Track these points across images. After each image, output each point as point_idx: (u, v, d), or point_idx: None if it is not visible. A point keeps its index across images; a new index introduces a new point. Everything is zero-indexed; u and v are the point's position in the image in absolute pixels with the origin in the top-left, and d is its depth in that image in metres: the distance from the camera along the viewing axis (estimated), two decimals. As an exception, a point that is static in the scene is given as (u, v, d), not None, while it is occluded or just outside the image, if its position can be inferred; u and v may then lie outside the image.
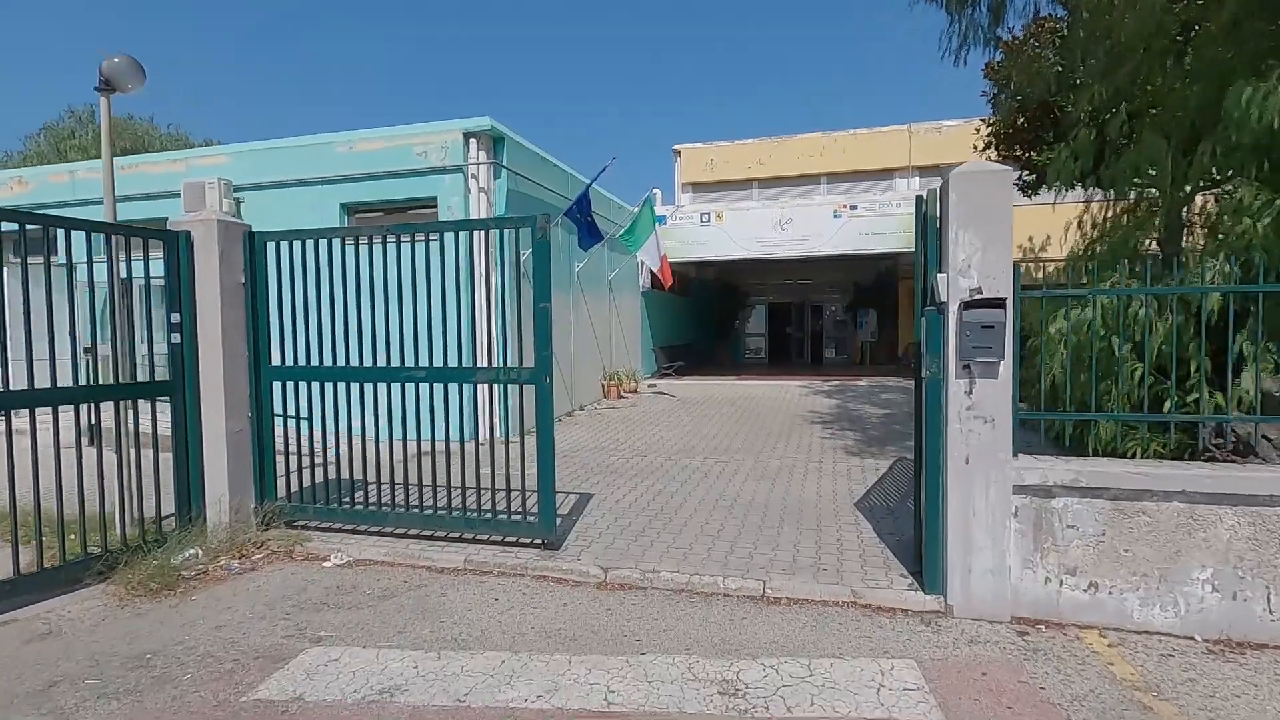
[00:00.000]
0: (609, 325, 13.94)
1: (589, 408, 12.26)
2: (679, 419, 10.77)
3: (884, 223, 14.52)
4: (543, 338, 4.58)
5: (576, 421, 10.73)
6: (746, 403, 12.62)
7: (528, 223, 4.59)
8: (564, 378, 11.33)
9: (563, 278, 11.32)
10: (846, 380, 15.98)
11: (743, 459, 7.63)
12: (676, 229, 15.58)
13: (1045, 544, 3.62)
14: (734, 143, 22.41)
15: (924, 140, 20.90)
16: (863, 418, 10.51)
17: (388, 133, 9.37)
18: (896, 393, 13.42)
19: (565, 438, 9.20)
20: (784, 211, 14.98)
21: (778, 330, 24.53)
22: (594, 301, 12.98)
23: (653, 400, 13.23)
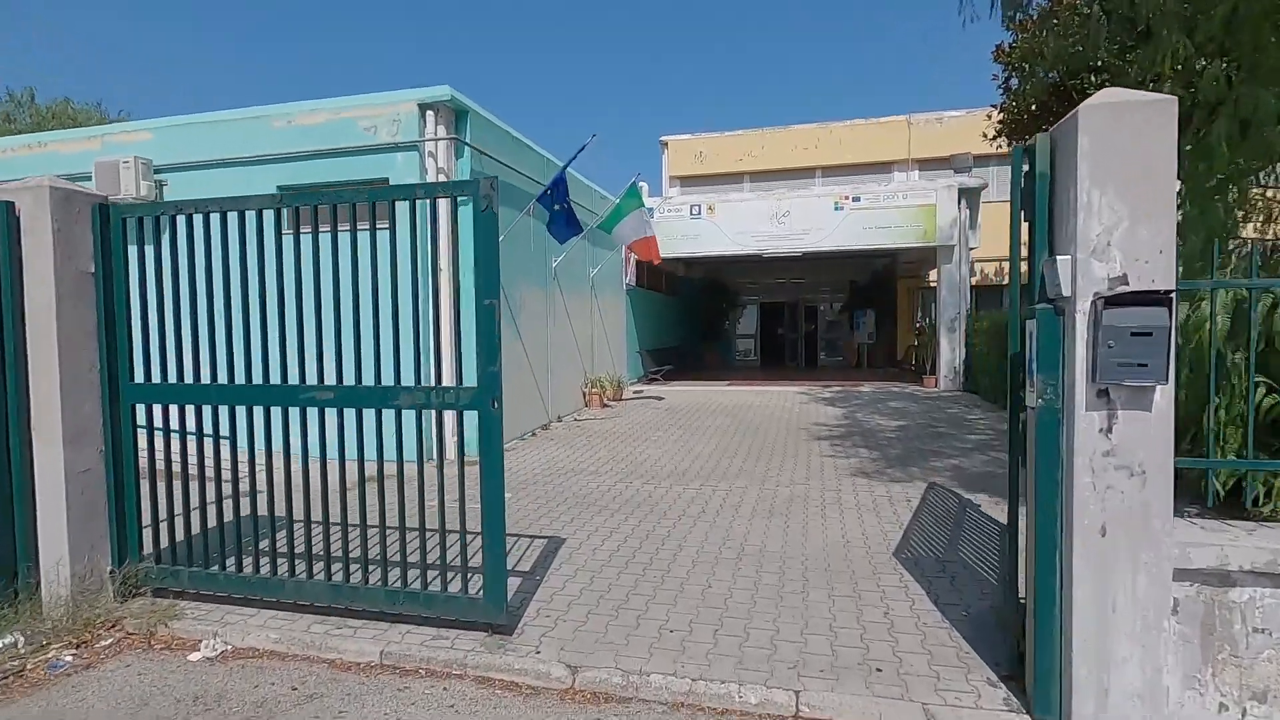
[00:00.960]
0: (591, 327, 12.72)
1: (568, 419, 11.03)
2: (668, 433, 9.58)
3: (889, 215, 13.43)
4: (488, 347, 3.35)
5: (553, 436, 9.50)
6: (742, 412, 11.45)
7: (467, 189, 3.35)
8: (539, 386, 10.10)
9: (537, 274, 10.09)
10: (848, 386, 14.87)
11: (745, 485, 6.45)
12: (665, 223, 14.40)
13: (1220, 655, 2.46)
14: (724, 134, 21.28)
15: (924, 132, 19.88)
16: (875, 431, 9.37)
17: (332, 104, 8.09)
18: (905, 400, 12.31)
19: (538, 457, 7.96)
20: (781, 203, 13.85)
21: (770, 331, 23.42)
22: (574, 301, 11.76)
23: (639, 409, 12.02)
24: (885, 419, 10.34)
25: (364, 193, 3.54)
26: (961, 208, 13.22)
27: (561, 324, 11.16)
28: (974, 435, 8.85)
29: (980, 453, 7.76)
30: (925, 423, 9.93)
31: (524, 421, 9.47)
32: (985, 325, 11.86)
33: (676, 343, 20.01)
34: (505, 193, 8.97)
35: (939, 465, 7.18)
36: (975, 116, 19.76)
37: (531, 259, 9.84)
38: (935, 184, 13.25)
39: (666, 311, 19.54)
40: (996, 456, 7.50)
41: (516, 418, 9.21)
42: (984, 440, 8.49)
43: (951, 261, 13.43)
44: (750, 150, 20.81)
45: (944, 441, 8.47)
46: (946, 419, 10.22)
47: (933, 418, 10.38)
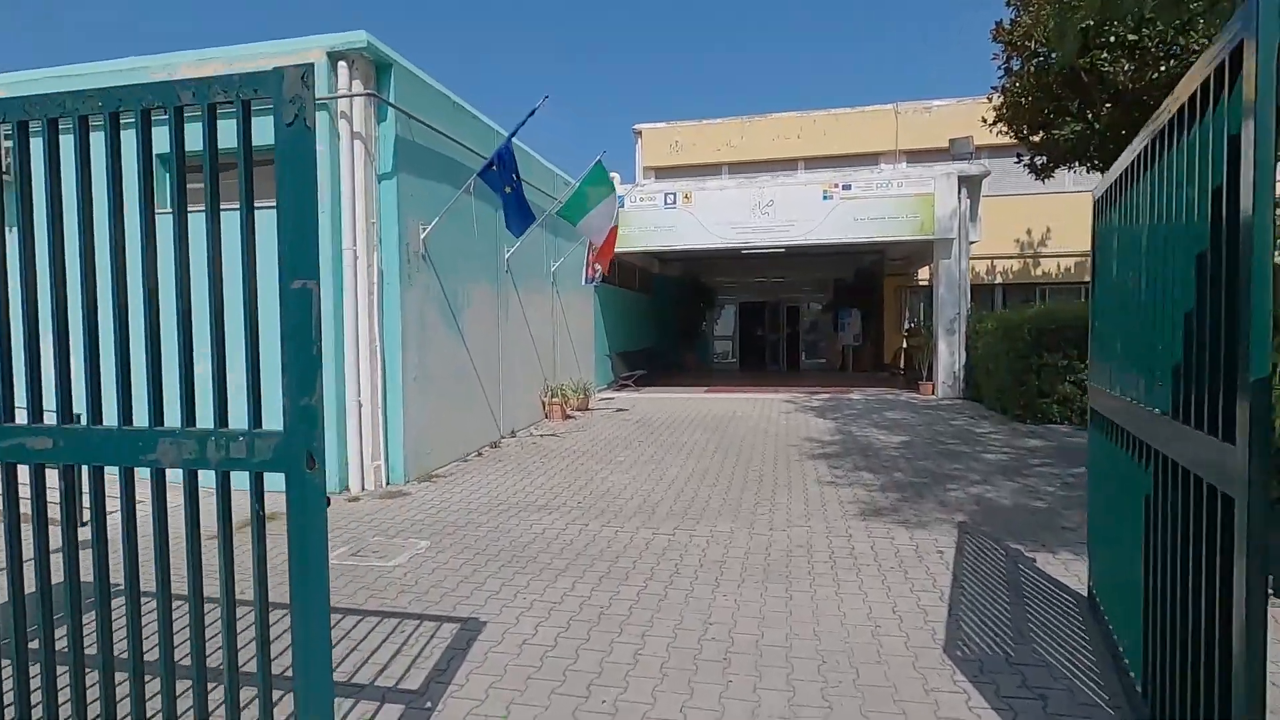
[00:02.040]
0: (552, 328, 11.31)
1: (524, 433, 9.61)
2: (638, 451, 8.21)
3: (883, 205, 12.21)
4: (301, 362, 1.92)
5: (503, 455, 8.08)
6: (722, 424, 10.13)
7: (263, 86, 1.92)
8: (488, 397, 8.67)
9: (485, 265, 8.66)
10: (836, 392, 13.64)
11: (730, 528, 5.11)
12: (636, 213, 13.04)
13: None
14: (701, 122, 19.98)
15: (911, 121, 18.78)
16: (876, 449, 8.10)
17: (224, 53, 6.58)
18: (902, 410, 11.08)
19: (477, 486, 6.55)
20: (764, 192, 12.57)
21: (750, 332, 22.19)
22: (531, 299, 10.35)
23: (606, 421, 10.64)
24: (884, 433, 9.08)
25: (98, 92, 2.08)
26: (962, 197, 12.06)
27: (516, 325, 9.75)
28: (990, 454, 7.61)
29: (1006, 478, 6.51)
30: (930, 438, 8.69)
31: (467, 439, 8.04)
32: (991, 327, 10.68)
33: (650, 345, 18.67)
34: (442, 167, 7.54)
35: (961, 496, 5.91)
36: (966, 105, 18.71)
37: (477, 247, 8.42)
38: (933, 171, 12.08)
39: (640, 311, 18.19)
40: (1027, 484, 6.26)
41: (458, 435, 7.78)
42: (1005, 462, 7.25)
43: (951, 256, 12.27)
44: (729, 139, 19.54)
45: (958, 462, 7.22)
46: (953, 433, 9.00)
47: (937, 431, 9.15)
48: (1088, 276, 14.47)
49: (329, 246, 6.29)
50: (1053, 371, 9.22)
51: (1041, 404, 9.32)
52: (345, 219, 6.35)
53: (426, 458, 7.14)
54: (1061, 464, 7.07)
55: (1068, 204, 17.79)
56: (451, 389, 7.69)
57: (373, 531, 5.18)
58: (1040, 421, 9.39)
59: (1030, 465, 7.05)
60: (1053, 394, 9.25)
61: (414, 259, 6.99)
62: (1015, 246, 18.30)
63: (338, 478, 6.41)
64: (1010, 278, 18.41)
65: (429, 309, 7.28)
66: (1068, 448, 7.90)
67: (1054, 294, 18.36)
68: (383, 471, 6.65)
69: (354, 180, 6.40)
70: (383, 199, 6.70)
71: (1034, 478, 6.51)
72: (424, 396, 7.12)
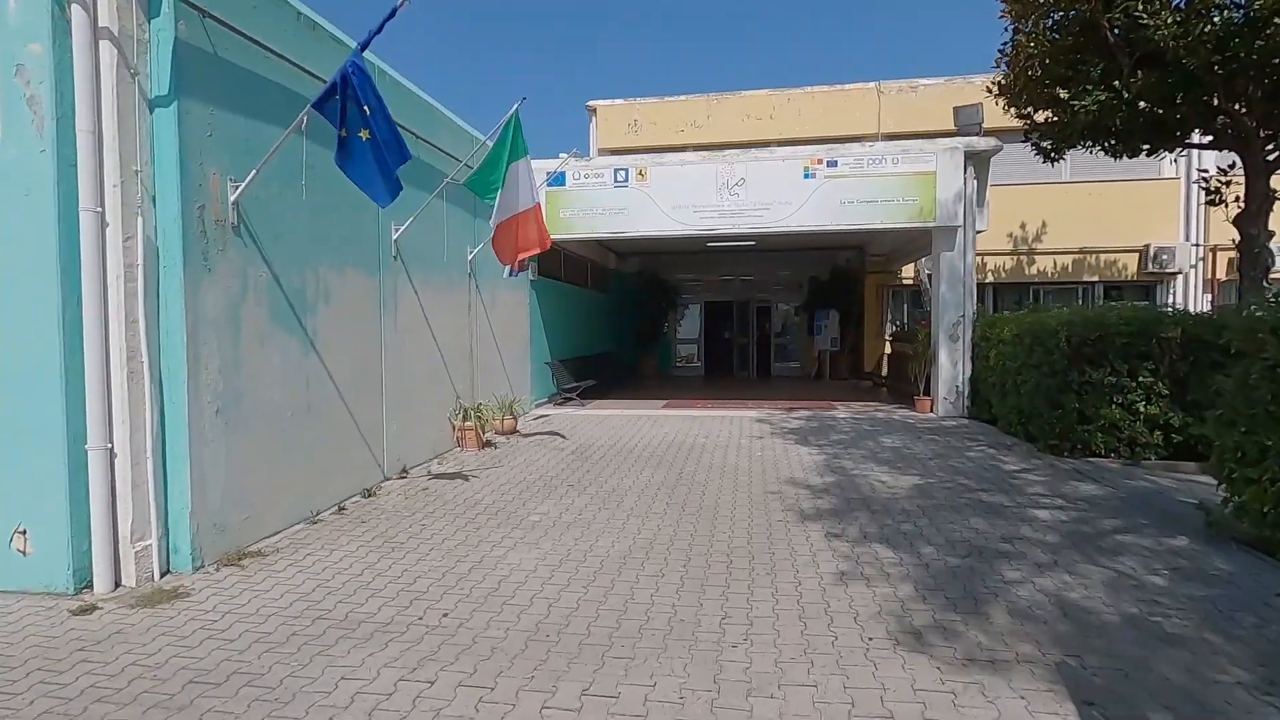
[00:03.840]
0: (470, 331, 9.03)
1: (420, 470, 7.33)
2: (562, 503, 6.01)
3: (875, 186, 10.19)
4: None
5: (371, 513, 5.80)
6: (680, 454, 7.98)
7: None
8: (361, 423, 6.38)
9: (357, 246, 6.36)
10: (816, 408, 11.61)
11: (679, 691, 2.94)
12: (579, 193, 10.82)
13: None
14: (664, 99, 17.84)
15: (896, 101, 16.91)
16: (883, 500, 6.04)
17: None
18: (901, 434, 9.06)
19: (301, 579, 4.26)
20: (733, 168, 10.45)
21: (716, 335, 20.11)
22: (438, 295, 8.07)
23: (534, 451, 8.41)
24: (887, 471, 7.02)
25: None
26: (968, 177, 10.11)
27: (413, 328, 7.46)
28: (1042, 510, 5.58)
29: (1084, 557, 4.46)
30: (949, 479, 6.67)
31: (322, 488, 5.74)
32: (1009, 333, 8.73)
33: (604, 350, 16.46)
34: (275, 100, 5.23)
35: (1033, 597, 3.84)
36: (956, 85, 16.89)
37: (343, 220, 6.12)
38: (936, 146, 10.10)
39: (591, 312, 15.95)
40: (1122, 573, 4.21)
41: (302, 485, 5.47)
42: (1068, 525, 5.22)
43: (954, 248, 10.31)
44: (694, 119, 17.43)
45: (1003, 523, 5.17)
46: (975, 471, 6.99)
47: (953, 468, 7.13)
48: (1087, 275, 12.51)
49: (50, 204, 3.96)
50: (1097, 392, 7.27)
51: (1082, 432, 7.37)
52: (84, 163, 4.01)
53: (241, 526, 4.84)
54: (1152, 529, 5.06)
55: (1066, 195, 16.09)
56: (292, 420, 5.39)
57: (42, 699, 2.87)
58: (1080, 454, 7.44)
59: (1107, 532, 5.02)
60: (1096, 419, 7.30)
61: (217, 231, 4.68)
62: (1008, 242, 16.55)
63: (71, 569, 4.07)
64: (1002, 276, 16.66)
65: (249, 306, 4.97)
66: (1140, 498, 5.92)
67: (1049, 294, 16.68)
68: (156, 554, 4.32)
69: (98, 101, 4.07)
70: (158, 136, 4.37)
71: (1127, 557, 4.48)
72: (236, 435, 4.81)
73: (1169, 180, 15.99)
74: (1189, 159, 15.73)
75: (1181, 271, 15.87)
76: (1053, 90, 10.09)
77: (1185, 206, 16.01)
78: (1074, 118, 9.89)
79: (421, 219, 7.35)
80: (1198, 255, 15.97)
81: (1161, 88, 9.32)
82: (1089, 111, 9.57)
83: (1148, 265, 15.86)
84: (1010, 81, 10.53)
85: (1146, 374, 7.18)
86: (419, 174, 7.43)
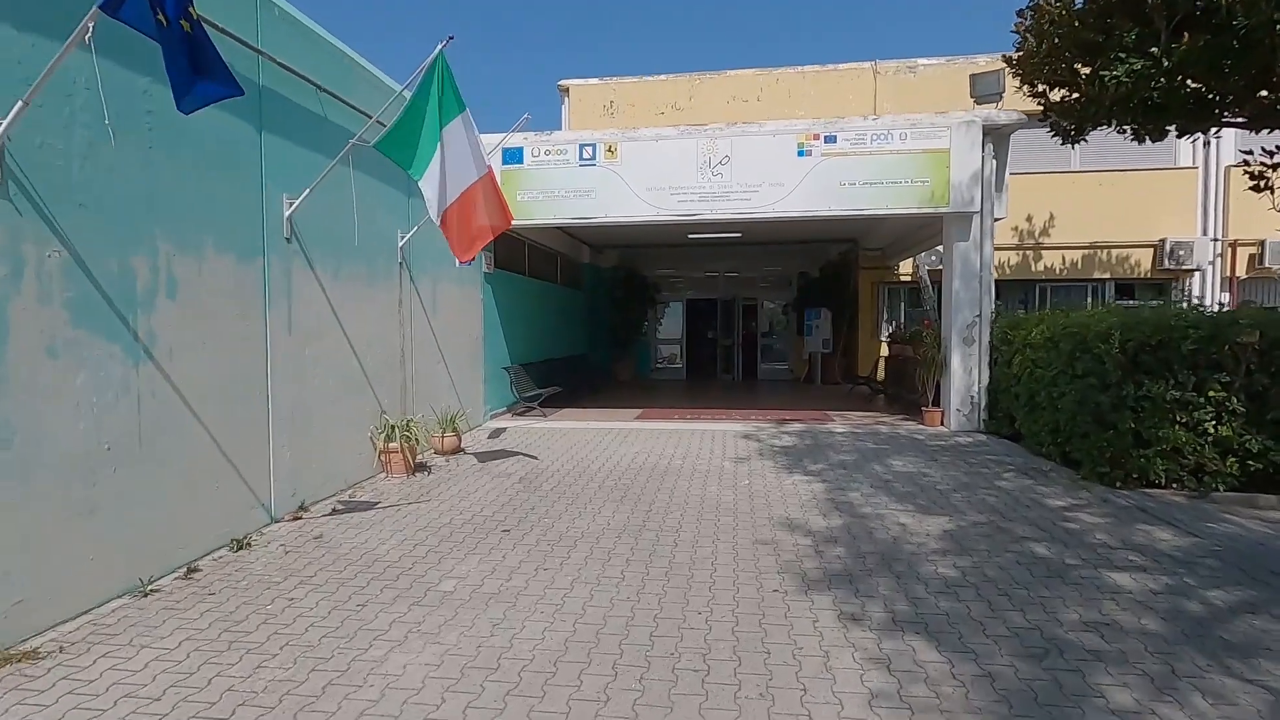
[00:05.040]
0: (401, 334, 7.56)
1: (323, 506, 5.86)
2: (488, 561, 4.57)
3: (879, 165, 8.82)
4: None
5: (229, 579, 4.33)
6: (651, 485, 6.59)
7: None
8: (230, 457, 4.91)
9: (223, 218, 4.86)
10: (810, 420, 10.25)
11: None
12: (539, 172, 9.37)
13: None
14: (642, 79, 16.42)
15: (894, 83, 15.62)
16: (909, 559, 4.67)
17: None
18: (913, 455, 7.71)
19: (76, 695, 2.80)
20: (716, 144, 9.05)
21: (699, 335, 18.73)
22: (352, 288, 6.60)
23: (473, 477, 6.97)
24: (906, 509, 5.65)
25: None
26: (986, 156, 8.77)
27: (320, 328, 5.99)
28: (1119, 570, 4.23)
29: (1212, 660, 3.10)
30: (984, 518, 5.31)
31: (167, 542, 4.25)
32: (1040, 336, 7.41)
33: (574, 352, 15.02)
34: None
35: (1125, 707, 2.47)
36: (956, 66, 15.63)
37: (202, 184, 4.63)
38: (949, 120, 8.76)
39: (560, 310, 14.49)
40: (1277, 686, 2.86)
41: (128, 542, 3.98)
42: (1162, 595, 3.87)
43: (969, 238, 8.98)
44: (675, 100, 16.03)
45: (1073, 594, 3.81)
46: (1014, 508, 5.64)
47: (986, 503, 5.78)
48: (1098, 272, 11.05)
49: None
50: (1157, 408, 5.96)
51: (1138, 458, 6.05)
52: None
53: (7, 617, 3.36)
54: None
55: (1074, 186, 14.87)
56: (109, 457, 3.91)
57: None
58: (1136, 484, 6.12)
59: (1223, 612, 3.67)
60: (1156, 442, 5.98)
61: None
62: (1013, 236, 15.28)
63: None
64: (1007, 273, 15.39)
65: (24, 302, 3.50)
66: (1242, 552, 4.58)
67: (1057, 292, 15.48)
68: None
69: None
70: None
71: (1272, 661, 3.13)
72: (-5, 486, 3.33)
73: (1186, 170, 14.83)
74: (1209, 146, 14.60)
75: (1199, 268, 14.71)
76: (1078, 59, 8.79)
77: (1203, 198, 14.87)
78: (1102, 91, 8.58)
79: (332, 194, 5.88)
80: (1215, 251, 14.83)
81: (1209, 54, 8.01)
82: (1121, 83, 8.25)
83: (1163, 261, 14.68)
84: (1030, 51, 9.23)
85: (1217, 387, 5.88)
86: (326, 138, 5.96)
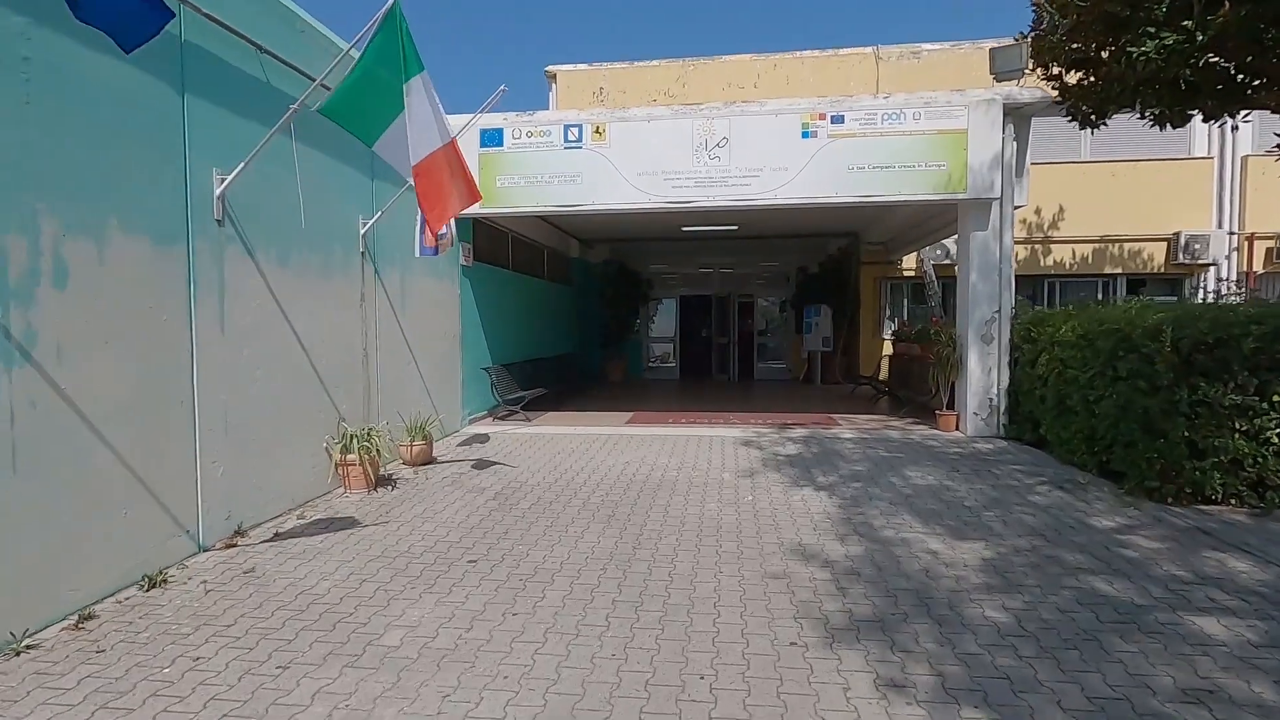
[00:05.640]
0: (363, 332, 6.79)
1: (265, 529, 5.09)
2: (447, 605, 3.82)
3: (890, 148, 8.10)
4: None
5: (132, 627, 3.56)
6: (642, 502, 5.85)
7: None
8: (142, 477, 4.13)
9: (135, 195, 4.07)
10: (812, 422, 9.55)
11: None
12: (519, 156, 8.61)
13: None
14: (633, 64, 15.67)
15: (896, 69, 14.93)
16: (946, 594, 3.96)
17: None
18: (932, 465, 7.00)
19: None
20: (713, 125, 8.31)
21: (692, 332, 18.00)
22: (302, 280, 5.83)
23: (442, 493, 6.21)
24: (935, 532, 4.93)
25: None
26: (1007, 138, 8.07)
27: (262, 324, 5.21)
28: (1202, 613, 3.52)
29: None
30: (1026, 543, 4.61)
31: (54, 583, 3.47)
32: (1072, 333, 6.71)
33: (561, 351, 14.26)
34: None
35: None
36: (961, 51, 14.95)
37: (102, 149, 3.85)
38: (967, 98, 8.05)
39: (546, 307, 13.73)
40: None
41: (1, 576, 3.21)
42: (1264, 649, 3.16)
43: (988, 227, 8.27)
44: (668, 86, 15.29)
45: (1154, 646, 3.09)
46: (1058, 529, 4.93)
47: (1025, 523, 5.07)
48: (1109, 267, 10.12)
49: None
50: (1214, 415, 5.26)
51: (1193, 470, 5.35)
52: None
53: None
54: None
55: (1084, 177, 14.20)
56: None
57: None
58: (1189, 499, 5.43)
59: (1349, 675, 2.97)
60: (1213, 452, 5.28)
61: None
62: (1021, 230, 14.59)
63: None
64: (1015, 268, 14.74)
65: None
66: (1329, 586, 3.89)
67: (1067, 287, 14.84)
68: None
69: None
70: None
71: None
72: None
73: (1201, 160, 14.20)
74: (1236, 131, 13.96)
75: (1215, 262, 14.09)
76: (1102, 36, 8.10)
77: (1219, 189, 14.24)
78: (1128, 70, 7.89)
79: (279, 172, 5.11)
80: (1231, 244, 14.21)
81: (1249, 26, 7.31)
82: (1150, 61, 7.56)
83: (1177, 255, 14.04)
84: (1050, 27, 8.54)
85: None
86: (271, 107, 5.18)
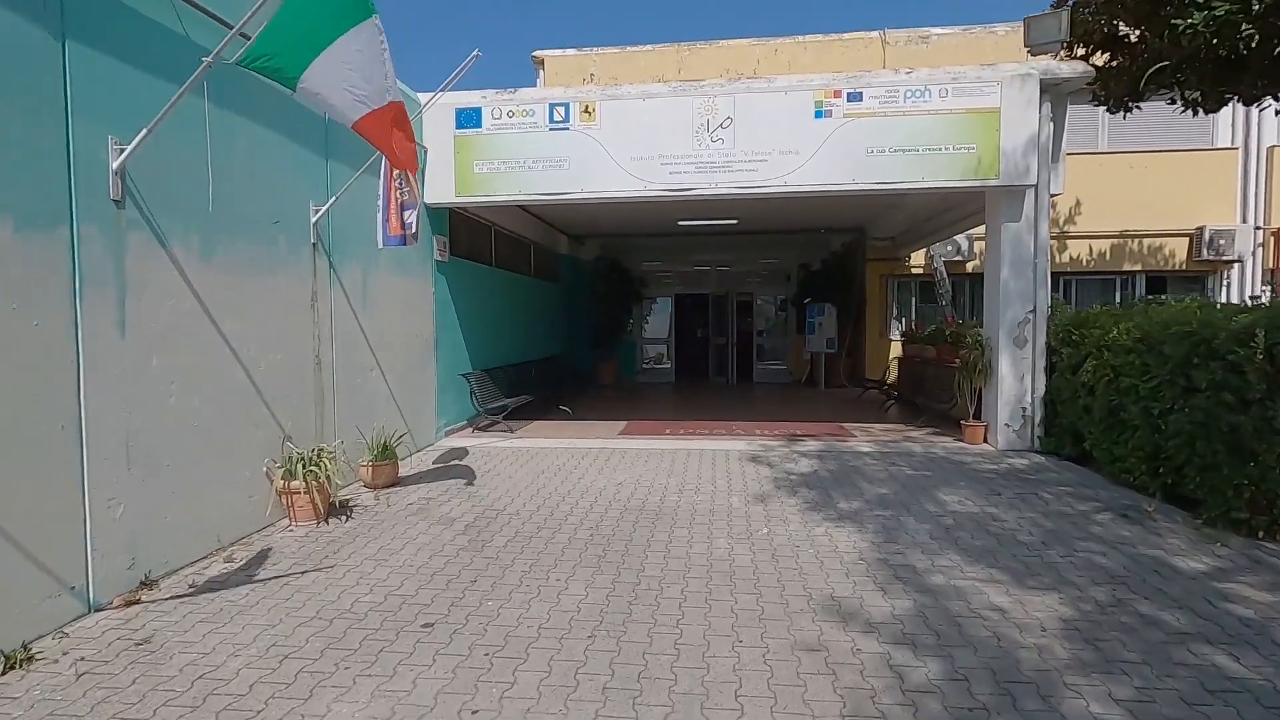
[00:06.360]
0: (316, 336, 5.88)
1: (183, 577, 4.18)
2: (387, 699, 2.93)
3: (913, 129, 7.25)
4: None
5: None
6: (637, 538, 4.99)
7: None
8: (19, 520, 3.21)
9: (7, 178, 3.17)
10: (823, 432, 8.70)
11: None
12: (504, 139, 7.72)
13: None
14: (626, 49, 14.81)
15: (904, 54, 14.09)
16: (1029, 672, 3.12)
17: None
18: (968, 487, 6.15)
19: None
20: (716, 104, 7.45)
21: (688, 333, 17.14)
22: (236, 276, 4.91)
23: (404, 525, 5.32)
24: (995, 582, 4.08)
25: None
26: (1043, 118, 7.23)
27: (179, 330, 4.30)
28: (1372, 708, 2.69)
29: None
30: (1107, 596, 3.76)
31: None
32: (1127, 337, 5.88)
33: (549, 354, 13.36)
34: None
35: None
36: (973, 36, 14.16)
37: None
38: (998, 74, 7.22)
39: (532, 306, 12.81)
40: None
41: None
42: None
43: (1021, 217, 7.43)
44: (662, 72, 14.39)
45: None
46: (1140, 575, 4.09)
47: (1098, 565, 4.23)
48: (1128, 264, 9.20)
49: None
50: (1316, 434, 4.44)
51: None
52: None
53: None
54: None
55: (1101, 169, 13.39)
56: None
57: None
58: (1276, 531, 4.61)
59: None
60: (1312, 479, 4.46)
61: None
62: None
63: None
64: (1038, 263, 13.96)
65: None
66: None
67: (1082, 285, 14.08)
68: None
69: None
70: None
71: None
72: None
73: (1225, 150, 13.44)
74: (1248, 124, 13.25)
75: (1240, 259, 13.35)
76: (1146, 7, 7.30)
77: (1244, 181, 13.50)
78: (1172, 45, 7.10)
79: (201, 144, 4.20)
80: (1257, 240, 13.48)
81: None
82: (1197, 34, 6.77)
83: (1201, 251, 13.28)
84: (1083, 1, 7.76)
85: (1397, 406, 4.38)
86: (187, 63, 4.26)
